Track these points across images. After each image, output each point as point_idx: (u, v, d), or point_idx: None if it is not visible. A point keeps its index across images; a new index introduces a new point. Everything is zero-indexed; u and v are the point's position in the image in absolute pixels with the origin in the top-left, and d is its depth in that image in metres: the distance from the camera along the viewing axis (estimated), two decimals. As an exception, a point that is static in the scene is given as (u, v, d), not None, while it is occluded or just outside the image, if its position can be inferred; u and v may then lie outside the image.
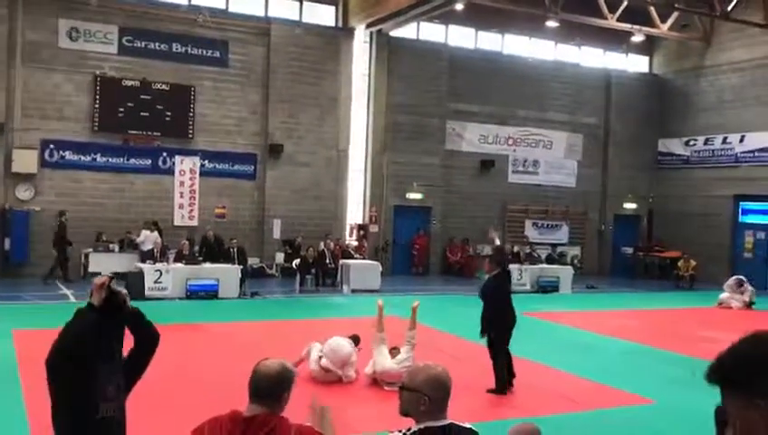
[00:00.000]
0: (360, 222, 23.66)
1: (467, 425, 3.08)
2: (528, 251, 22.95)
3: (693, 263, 23.83)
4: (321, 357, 9.29)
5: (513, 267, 20.74)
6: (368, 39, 23.72)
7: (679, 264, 24.33)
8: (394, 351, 9.21)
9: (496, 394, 9.08)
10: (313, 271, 19.43)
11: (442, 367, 3.08)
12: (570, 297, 20.50)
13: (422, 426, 2.94)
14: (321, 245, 20.17)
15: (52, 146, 19.53)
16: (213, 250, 18.85)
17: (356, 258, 20.88)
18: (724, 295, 19.38)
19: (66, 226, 18.75)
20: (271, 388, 2.94)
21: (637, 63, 28.84)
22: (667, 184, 27.90)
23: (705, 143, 26.71)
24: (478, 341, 11.27)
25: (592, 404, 8.90)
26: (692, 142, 27.25)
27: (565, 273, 21.87)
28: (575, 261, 25.71)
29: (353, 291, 18.79)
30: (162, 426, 7.04)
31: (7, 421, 7.23)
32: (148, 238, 18.74)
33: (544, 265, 22.30)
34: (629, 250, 27.71)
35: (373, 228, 23.55)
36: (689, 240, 25.60)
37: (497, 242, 11.52)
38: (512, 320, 9.63)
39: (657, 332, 14.91)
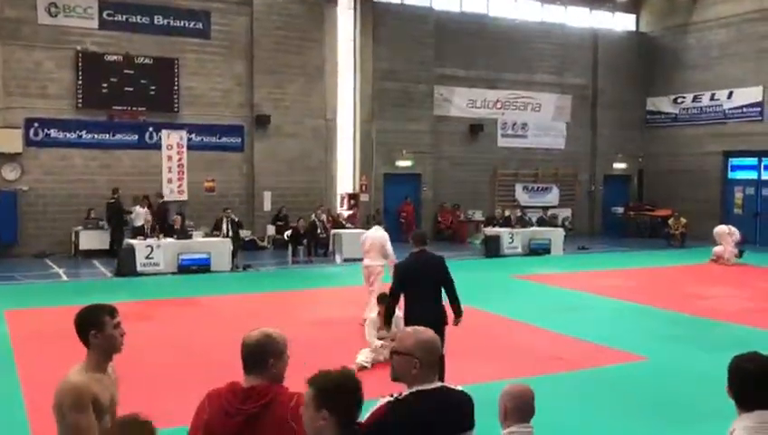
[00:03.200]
0: (351, 191, 23.61)
1: (459, 388, 3.09)
2: (519, 214, 22.99)
3: (683, 221, 23.92)
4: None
5: (504, 231, 21.11)
6: (352, 5, 23.44)
7: (670, 222, 24.43)
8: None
9: None
10: (305, 242, 19.41)
11: (431, 331, 3.08)
12: (561, 259, 20.60)
13: (414, 390, 2.94)
14: (313, 215, 20.13)
15: (36, 124, 19.31)
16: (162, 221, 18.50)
17: (348, 228, 20.87)
18: (717, 249, 19.48)
19: (120, 203, 19.13)
20: (254, 357, 2.94)
21: (623, 22, 28.65)
22: (656, 142, 27.93)
23: (694, 100, 26.68)
24: (468, 304, 11.30)
25: (586, 363, 8.97)
26: (680, 100, 27.21)
27: (556, 235, 21.96)
28: (566, 223, 25.81)
29: (346, 260, 18.80)
30: (159, 399, 7.05)
31: (3, 400, 7.23)
32: (139, 214, 18.68)
33: (535, 228, 22.37)
34: (620, 210, 27.80)
35: (364, 197, 23.51)
36: (679, 198, 25.71)
37: None
38: (416, 318, 6.38)
39: (649, 290, 15.00)
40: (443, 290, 7.21)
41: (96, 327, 3.47)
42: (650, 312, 12.59)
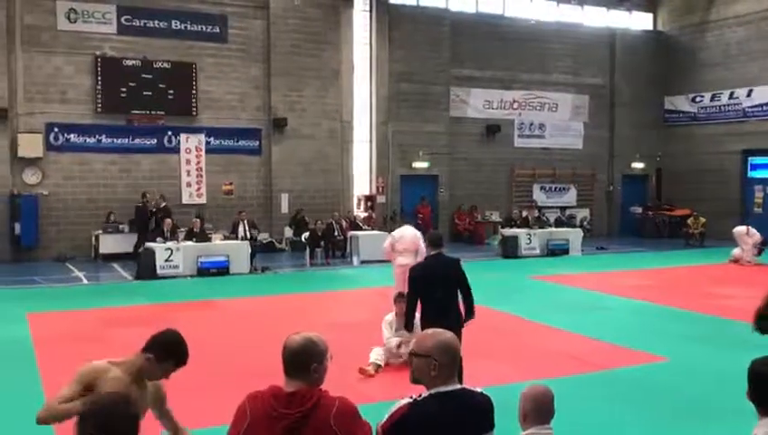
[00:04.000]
0: (368, 193, 23.65)
1: (479, 389, 3.09)
2: (537, 215, 22.90)
3: (702, 220, 23.74)
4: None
5: (522, 232, 21.03)
6: (367, 7, 23.49)
7: (689, 221, 24.25)
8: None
9: None
10: (323, 244, 19.47)
11: (450, 333, 3.09)
12: (580, 259, 20.50)
13: (433, 391, 2.95)
14: (330, 218, 20.20)
15: (56, 129, 19.52)
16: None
17: (365, 229, 20.90)
18: (736, 251, 19.27)
19: (147, 207, 19.06)
20: (298, 361, 2.94)
21: (641, 21, 28.48)
22: (674, 142, 27.73)
23: (712, 99, 26.47)
24: (486, 305, 11.32)
25: (605, 364, 8.92)
26: (698, 99, 27.00)
27: (574, 235, 21.85)
28: (584, 223, 25.68)
29: (363, 262, 18.84)
30: (183, 400, 7.09)
31: (26, 400, 7.31)
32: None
33: (553, 229, 22.27)
34: (638, 210, 27.64)
35: (380, 199, 23.53)
36: (698, 197, 25.51)
37: None
38: (438, 321, 5.92)
39: (668, 290, 14.90)
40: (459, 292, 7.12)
41: (160, 357, 3.50)
42: (670, 312, 12.50)
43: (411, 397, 2.95)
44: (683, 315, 12.16)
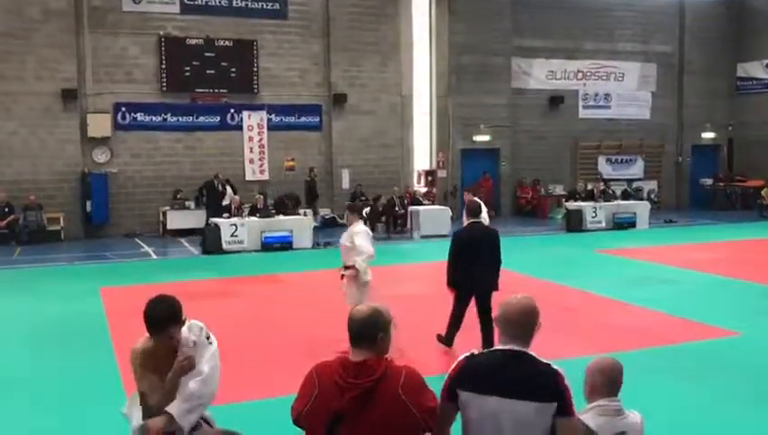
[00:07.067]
0: (428, 168, 23.53)
1: (545, 360, 3.07)
2: (602, 188, 22.39)
3: (777, 191, 22.89)
4: None
5: (587, 205, 20.60)
6: (427, -21, 23.21)
7: (763, 192, 23.43)
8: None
9: (441, 342, 8.20)
10: (383, 219, 19.52)
11: (521, 301, 3.15)
12: (647, 232, 20.02)
13: (495, 348, 3.14)
14: (391, 193, 20.21)
15: (123, 109, 19.99)
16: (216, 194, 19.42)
17: (425, 204, 20.84)
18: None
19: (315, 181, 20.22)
20: (364, 331, 2.97)
21: (712, -16, 27.38)
22: (747, 110, 26.69)
23: (789, 65, 25.35)
24: (551, 280, 11.17)
25: (675, 338, 8.71)
26: (774, 65, 25.91)
27: (642, 208, 21.31)
28: (652, 195, 25.04)
29: (423, 237, 18.81)
30: (250, 371, 7.23)
31: (101, 369, 7.60)
32: (226, 195, 19.25)
33: (620, 202, 21.76)
34: (709, 181, 26.78)
35: (441, 173, 23.39)
36: (773, 168, 24.58)
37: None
38: (470, 282, 7.92)
39: (741, 263, 14.42)
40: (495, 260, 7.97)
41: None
42: (743, 285, 12.11)
43: (471, 351, 3.15)
44: (756, 289, 11.77)
